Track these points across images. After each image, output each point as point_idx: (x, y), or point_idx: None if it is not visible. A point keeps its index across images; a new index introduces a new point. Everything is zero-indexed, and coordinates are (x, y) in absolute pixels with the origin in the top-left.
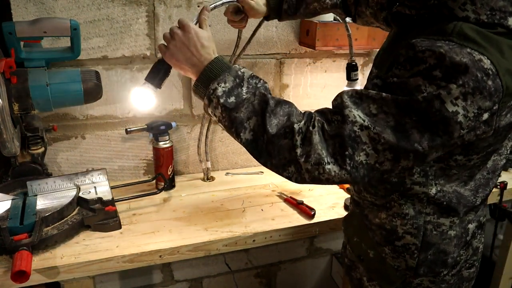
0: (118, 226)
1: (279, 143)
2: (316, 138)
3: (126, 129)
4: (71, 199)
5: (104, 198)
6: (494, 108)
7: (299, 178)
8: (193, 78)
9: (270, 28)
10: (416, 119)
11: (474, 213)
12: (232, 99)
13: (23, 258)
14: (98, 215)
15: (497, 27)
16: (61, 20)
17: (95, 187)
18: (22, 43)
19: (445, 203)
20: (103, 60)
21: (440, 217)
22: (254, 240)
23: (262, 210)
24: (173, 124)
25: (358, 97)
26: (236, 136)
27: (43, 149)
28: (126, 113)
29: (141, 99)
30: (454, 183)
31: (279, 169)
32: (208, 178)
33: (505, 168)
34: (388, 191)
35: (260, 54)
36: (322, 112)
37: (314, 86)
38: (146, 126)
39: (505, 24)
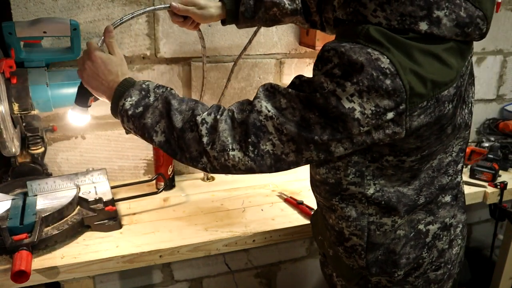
0: (118, 226)
1: (187, 137)
2: (222, 125)
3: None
4: (71, 199)
5: (104, 198)
6: (401, 107)
7: (211, 167)
8: (108, 102)
9: (270, 28)
10: (318, 115)
11: (425, 213)
12: (140, 109)
13: (23, 258)
14: (98, 215)
15: (409, 33)
16: (61, 20)
17: (95, 187)
18: (22, 43)
19: (383, 202)
20: None
21: (382, 217)
22: (254, 240)
23: (262, 210)
24: None
25: (272, 91)
26: (151, 141)
27: (43, 149)
28: None
29: (76, 119)
30: (396, 183)
31: (194, 162)
32: (208, 178)
33: (505, 168)
34: (329, 193)
35: (261, 54)
36: (240, 102)
37: None
38: None
39: (416, 29)
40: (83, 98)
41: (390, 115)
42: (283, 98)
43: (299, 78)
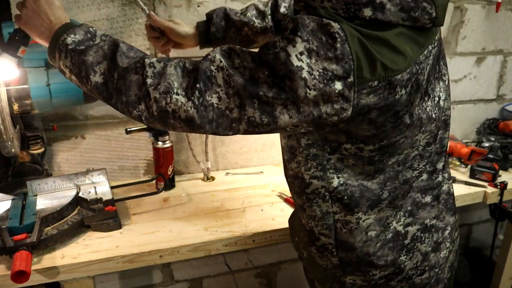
0: (118, 226)
1: (130, 78)
2: (171, 70)
3: (126, 129)
4: (71, 199)
5: (104, 198)
6: (349, 80)
7: (148, 115)
8: (46, 44)
9: None
10: (267, 74)
11: (392, 209)
12: (82, 47)
13: (23, 258)
14: (98, 215)
15: (355, 20)
16: None
17: (95, 187)
18: None
19: (346, 197)
20: None
21: (346, 215)
22: (254, 240)
23: (262, 210)
24: None
25: (228, 51)
26: (86, 80)
27: (43, 149)
28: None
29: (3, 71)
30: (359, 176)
31: (129, 107)
32: (208, 178)
33: (505, 168)
34: (300, 188)
35: None
36: (194, 59)
37: None
38: (146, 126)
39: (361, 15)
40: (14, 46)
41: (338, 85)
42: (237, 58)
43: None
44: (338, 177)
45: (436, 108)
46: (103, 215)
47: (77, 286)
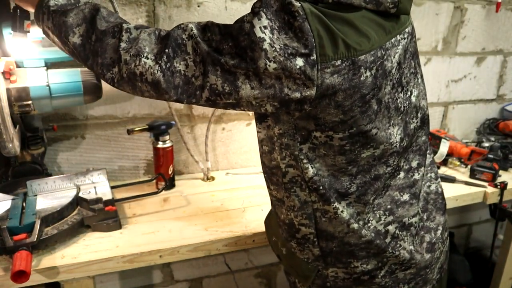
0: (118, 226)
1: (106, 41)
2: (145, 36)
3: (127, 130)
4: (71, 199)
5: (104, 198)
6: (311, 58)
7: (119, 77)
8: (33, 10)
9: None
10: (231, 45)
11: (366, 209)
12: (64, 8)
13: (23, 258)
14: (98, 215)
15: (318, 3)
16: None
17: (95, 187)
18: None
19: (321, 187)
20: None
21: (324, 205)
22: (254, 240)
23: (262, 210)
24: (173, 123)
25: (203, 26)
26: (65, 40)
27: (43, 149)
28: (126, 113)
29: (18, 48)
30: (332, 168)
31: (103, 69)
32: (208, 178)
33: (505, 168)
34: (279, 177)
35: None
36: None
37: None
38: (147, 126)
39: (349, 2)
40: (19, 23)
41: (299, 61)
42: (208, 31)
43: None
44: (312, 167)
45: (407, 102)
46: (103, 215)
47: (77, 286)
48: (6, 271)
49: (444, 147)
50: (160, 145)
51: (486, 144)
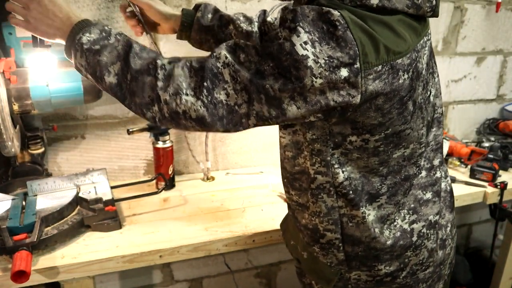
0: (118, 226)
1: (143, 80)
2: (178, 71)
3: (128, 130)
4: (71, 199)
5: (104, 198)
6: (355, 66)
7: (161, 116)
8: (62, 41)
9: None
10: (273, 65)
11: (394, 207)
12: (97, 46)
13: (23, 258)
14: (98, 215)
15: (361, 8)
16: None
17: (95, 187)
18: (22, 43)
19: (351, 192)
20: None
21: (352, 210)
22: (254, 240)
23: (262, 210)
24: None
25: (234, 47)
26: (100, 80)
27: (43, 149)
28: (126, 113)
29: (42, 61)
30: (364, 169)
31: (143, 109)
32: (208, 178)
33: (505, 168)
34: (304, 183)
35: None
36: (201, 57)
37: None
38: (147, 126)
39: (368, 4)
40: (39, 38)
41: (344, 71)
42: (242, 52)
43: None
44: (343, 171)
45: (427, 101)
46: (103, 215)
47: (77, 286)
48: (6, 271)
49: (444, 147)
50: (160, 145)
51: (486, 144)
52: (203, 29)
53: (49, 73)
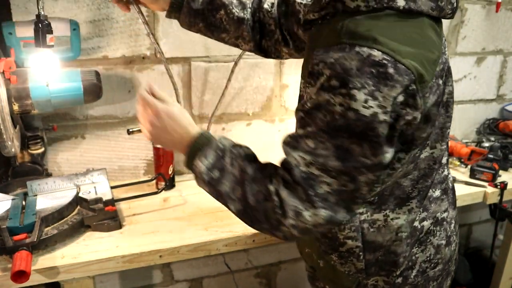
0: (118, 226)
1: (263, 208)
2: (284, 193)
3: (127, 130)
4: (71, 199)
5: (104, 198)
6: (411, 88)
7: (292, 236)
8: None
9: None
10: (347, 135)
11: (420, 210)
12: (216, 173)
13: (23, 258)
14: (98, 215)
15: (386, 10)
16: (61, 20)
17: (95, 187)
18: (22, 43)
19: (377, 196)
20: (103, 60)
21: (373, 214)
22: (254, 240)
23: None
24: None
25: (293, 140)
26: (228, 208)
27: (43, 149)
28: (126, 113)
29: (44, 61)
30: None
31: (273, 232)
32: None
33: (505, 168)
34: None
35: None
36: (277, 167)
37: None
38: None
39: (395, 6)
40: (42, 37)
41: (400, 98)
42: (306, 139)
43: (302, 110)
44: None
45: (450, 99)
46: (103, 215)
47: (77, 286)
48: (6, 271)
49: None
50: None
51: (486, 144)
52: (192, 13)
53: (49, 73)
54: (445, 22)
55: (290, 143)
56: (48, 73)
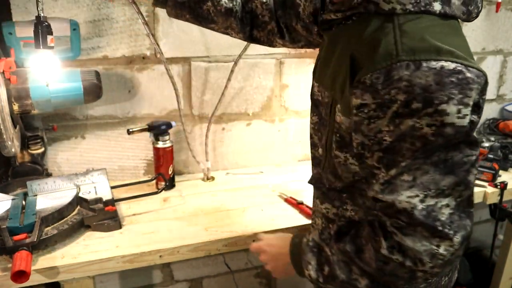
0: (118, 226)
1: (388, 272)
2: (408, 242)
3: (128, 130)
4: (71, 199)
5: (104, 198)
6: (484, 88)
7: (432, 275)
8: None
9: None
10: (443, 149)
11: None
12: (325, 268)
13: (23, 258)
14: (98, 215)
15: (422, 15)
16: (61, 20)
17: (95, 187)
18: (22, 43)
19: None
20: (103, 60)
21: None
22: (254, 240)
23: (262, 210)
24: (173, 123)
25: (389, 183)
26: None
27: (43, 149)
28: (126, 113)
29: (45, 62)
30: None
31: (412, 283)
32: (208, 178)
33: (505, 168)
34: (368, 200)
35: (261, 54)
36: (374, 225)
37: None
38: (147, 126)
39: (432, 10)
40: (42, 38)
41: (476, 98)
42: (401, 176)
43: (378, 150)
44: None
45: None
46: (103, 215)
47: (77, 286)
48: (6, 271)
49: None
50: (160, 145)
51: (486, 144)
52: (178, 5)
53: (49, 73)
54: None
55: (386, 190)
56: (48, 73)
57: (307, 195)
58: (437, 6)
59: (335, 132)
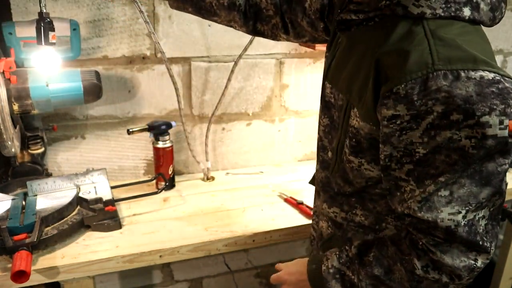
0: (118, 226)
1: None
2: (447, 259)
3: (128, 130)
4: (71, 199)
5: (104, 198)
6: None
7: (466, 285)
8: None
9: None
10: (478, 161)
11: None
12: None
13: (23, 258)
14: (98, 215)
15: (454, 20)
16: (61, 20)
17: (95, 187)
18: (22, 43)
19: None
20: (103, 60)
21: None
22: (254, 240)
23: (262, 210)
24: (173, 123)
25: (426, 200)
26: None
27: (43, 149)
28: (126, 113)
29: (47, 60)
30: None
31: None
32: (208, 178)
33: None
34: (379, 206)
35: (261, 54)
36: (415, 239)
37: (314, 86)
38: (147, 126)
39: (461, 15)
40: (44, 35)
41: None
42: (438, 192)
43: (410, 162)
44: None
45: None
46: (103, 215)
47: (77, 286)
48: (6, 271)
49: None
50: (160, 145)
51: None
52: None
53: (49, 73)
54: None
55: (424, 207)
56: (48, 73)
57: (307, 195)
58: (467, 12)
59: (350, 136)
